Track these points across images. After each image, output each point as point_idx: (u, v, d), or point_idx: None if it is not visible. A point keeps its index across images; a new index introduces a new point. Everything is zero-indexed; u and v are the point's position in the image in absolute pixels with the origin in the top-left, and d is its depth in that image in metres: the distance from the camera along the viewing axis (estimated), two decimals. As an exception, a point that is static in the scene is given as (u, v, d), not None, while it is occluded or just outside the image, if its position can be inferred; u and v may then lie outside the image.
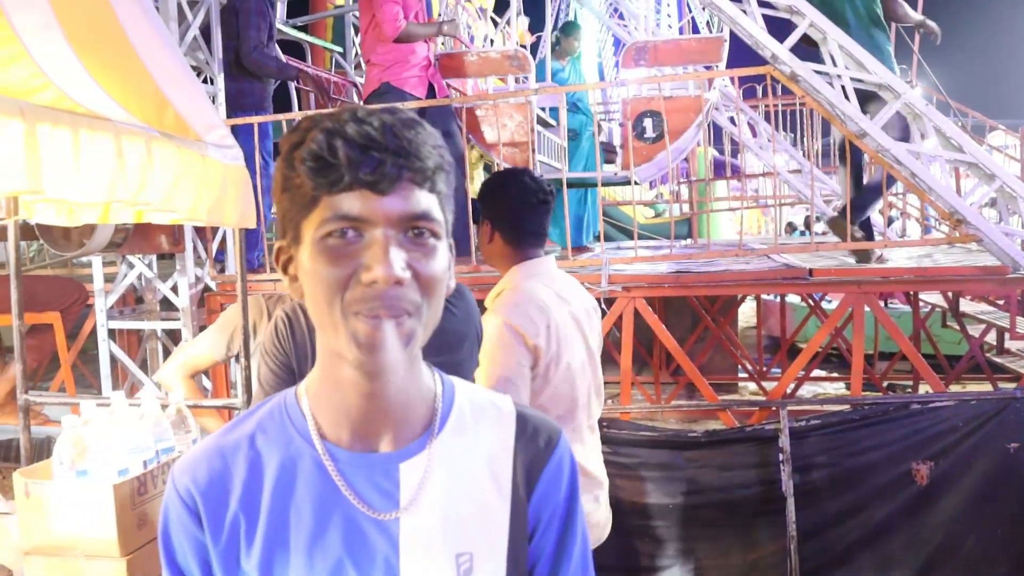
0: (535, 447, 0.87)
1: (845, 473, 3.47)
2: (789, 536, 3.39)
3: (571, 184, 4.75)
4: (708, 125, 4.81)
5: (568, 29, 6.49)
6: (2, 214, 2.33)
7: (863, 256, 3.83)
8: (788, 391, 5.39)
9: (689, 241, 7.40)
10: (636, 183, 4.77)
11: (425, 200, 0.74)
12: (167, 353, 4.30)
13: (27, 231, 3.16)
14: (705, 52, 4.61)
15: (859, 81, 3.42)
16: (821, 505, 3.52)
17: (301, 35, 7.16)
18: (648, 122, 4.71)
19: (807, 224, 11.07)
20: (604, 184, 5.81)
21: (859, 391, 3.66)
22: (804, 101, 4.16)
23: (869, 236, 3.94)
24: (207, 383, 4.00)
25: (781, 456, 3.43)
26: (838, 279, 3.57)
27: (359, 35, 7.44)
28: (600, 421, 3.33)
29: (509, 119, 4.82)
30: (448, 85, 5.29)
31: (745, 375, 7.36)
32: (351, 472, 0.80)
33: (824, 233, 8.77)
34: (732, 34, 4.05)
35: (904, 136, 3.52)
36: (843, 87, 3.44)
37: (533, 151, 4.69)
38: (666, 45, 4.76)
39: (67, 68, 1.70)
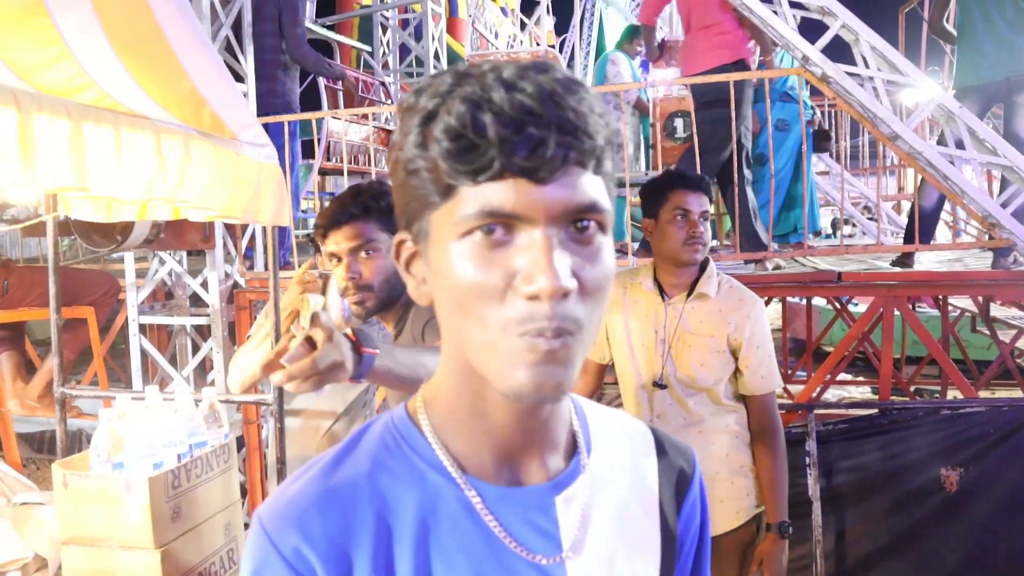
0: (678, 468, 0.78)
1: (872, 478, 3.43)
2: (815, 541, 3.37)
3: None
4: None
5: (631, 33, 6.40)
6: (39, 210, 2.38)
7: (901, 260, 3.80)
8: (814, 394, 5.34)
9: (716, 243, 7.36)
10: None
11: (593, 186, 0.59)
12: (196, 349, 4.35)
13: (61, 226, 3.21)
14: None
15: (892, 83, 3.39)
16: (848, 510, 3.49)
17: (330, 34, 7.22)
18: (679, 122, 4.69)
19: (834, 226, 10.96)
20: (633, 184, 5.79)
21: (887, 395, 3.62)
22: (834, 103, 4.12)
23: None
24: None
25: (808, 460, 3.40)
26: (868, 283, 3.54)
27: (386, 34, 7.50)
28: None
29: None
30: None
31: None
32: (503, 511, 0.66)
33: (851, 236, 8.68)
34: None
35: None
36: (875, 88, 3.40)
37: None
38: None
39: (108, 68, 1.73)
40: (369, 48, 7.79)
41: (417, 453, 0.67)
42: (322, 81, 6.19)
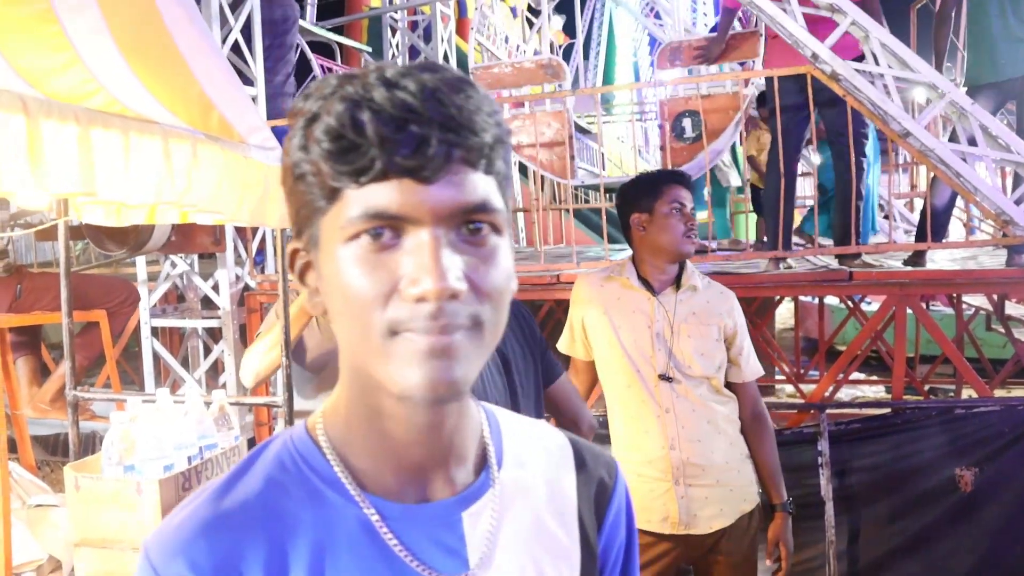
0: (598, 479, 0.75)
1: (886, 478, 3.41)
2: (828, 541, 3.35)
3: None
4: (746, 124, 4.76)
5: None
6: (52, 215, 2.40)
7: (913, 258, 3.77)
8: (827, 394, 5.31)
9: (726, 241, 7.34)
10: None
11: (483, 185, 0.57)
12: (207, 351, 4.38)
13: (74, 231, 3.24)
14: (741, 49, 4.56)
15: (903, 80, 3.36)
16: (861, 510, 3.47)
17: (331, 35, 7.23)
18: (687, 122, 4.67)
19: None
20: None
21: (901, 395, 3.60)
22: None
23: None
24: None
25: (820, 459, 3.38)
26: (880, 281, 3.52)
27: (395, 36, 7.52)
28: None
29: (547, 127, 4.80)
30: None
31: (783, 377, 7.27)
32: (406, 530, 0.64)
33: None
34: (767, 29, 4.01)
35: None
36: (885, 85, 3.38)
37: (572, 158, 4.68)
38: (699, 43, 4.71)
39: (117, 73, 1.75)
40: (370, 49, 7.80)
41: (315, 472, 0.64)
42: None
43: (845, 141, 3.64)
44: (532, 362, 1.80)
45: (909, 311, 3.48)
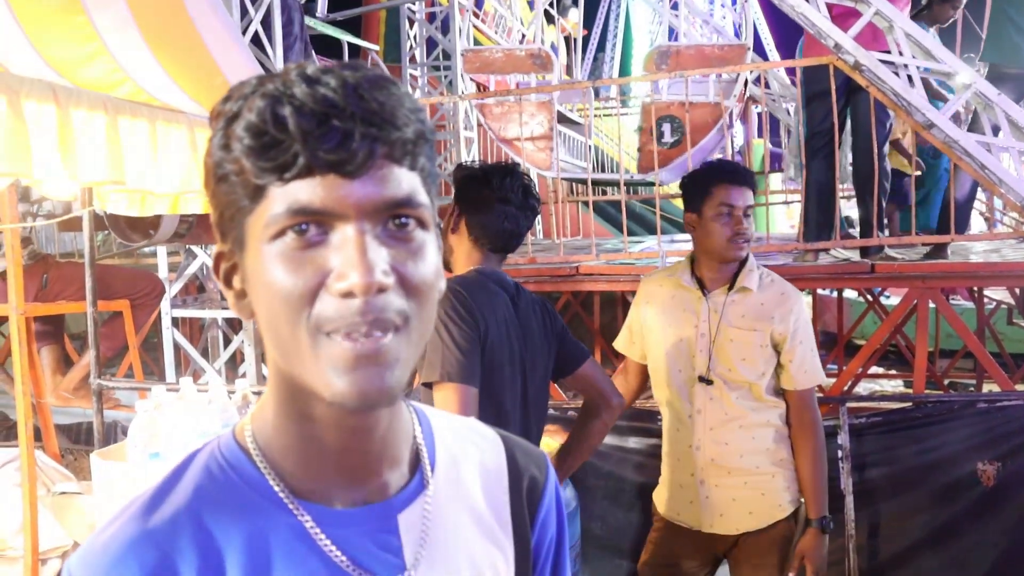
0: (529, 475, 0.76)
1: (907, 472, 3.38)
2: (848, 535, 3.32)
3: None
4: (766, 117, 4.73)
5: None
6: (76, 205, 2.42)
7: (934, 251, 3.74)
8: (845, 388, 5.28)
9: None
10: (661, 184, 4.74)
11: (407, 180, 0.57)
12: (227, 341, 4.40)
13: (96, 221, 3.26)
14: (727, 59, 4.53)
15: (927, 70, 3.33)
16: (881, 504, 3.44)
17: (338, 32, 7.19)
18: (666, 127, 4.65)
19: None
20: (627, 184, 5.76)
21: (922, 388, 3.57)
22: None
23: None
24: (267, 371, 4.09)
25: (840, 453, 3.36)
26: (901, 274, 3.49)
27: (413, 28, 7.51)
28: (656, 414, 3.33)
29: (530, 117, 4.79)
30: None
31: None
32: (341, 534, 0.63)
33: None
34: (779, 23, 3.97)
35: None
36: (909, 76, 3.34)
37: (552, 150, 4.67)
38: (688, 50, 4.68)
39: (143, 63, 1.76)
40: (377, 47, 7.79)
41: (245, 479, 0.63)
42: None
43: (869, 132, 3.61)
44: (548, 348, 1.84)
45: (931, 304, 3.46)
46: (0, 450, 3.11)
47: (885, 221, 3.87)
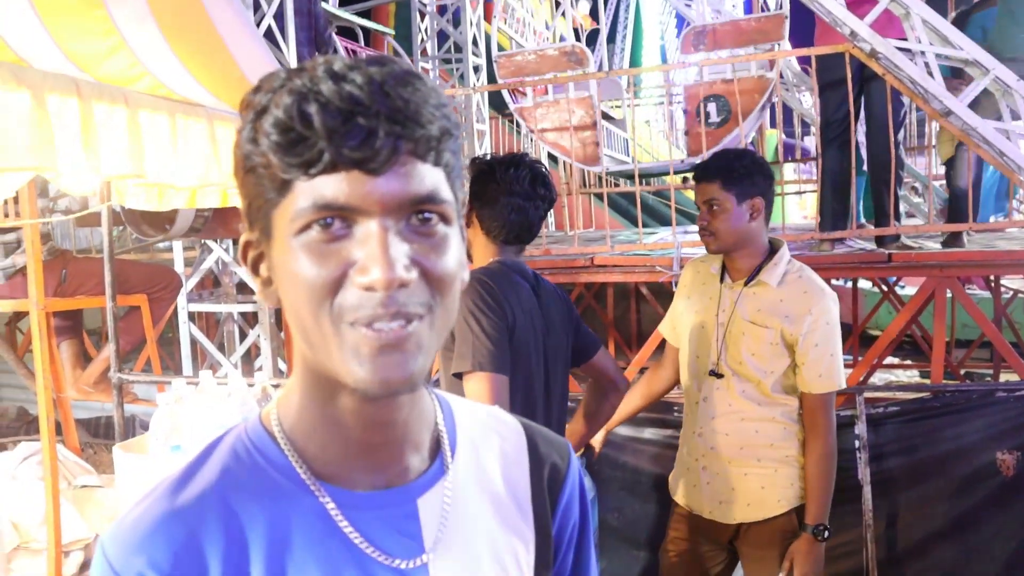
0: (551, 463, 0.77)
1: (924, 462, 3.36)
2: (865, 525, 3.31)
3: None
4: (780, 106, 4.71)
5: None
6: (94, 201, 2.43)
7: (951, 240, 3.71)
8: (860, 379, 5.25)
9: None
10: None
11: (430, 177, 0.58)
12: (243, 336, 4.43)
13: (113, 216, 3.27)
14: (766, 31, 4.49)
15: (944, 57, 3.29)
16: (899, 494, 3.43)
17: (355, 19, 7.20)
18: (712, 107, 4.63)
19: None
20: (662, 174, 5.70)
21: (940, 378, 3.54)
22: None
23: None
24: (283, 365, 4.11)
25: (857, 443, 3.34)
26: (918, 263, 3.46)
27: (423, 20, 7.50)
28: (672, 405, 3.33)
29: (571, 114, 4.78)
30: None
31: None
32: (362, 517, 0.65)
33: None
34: (795, 7, 3.94)
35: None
36: (926, 63, 3.31)
37: (598, 144, 4.65)
38: (724, 27, 4.63)
39: (161, 57, 1.76)
40: (393, 32, 7.76)
41: (270, 462, 0.65)
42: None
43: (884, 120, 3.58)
44: (567, 337, 1.88)
45: (948, 293, 3.43)
46: (22, 444, 3.14)
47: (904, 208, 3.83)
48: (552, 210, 7.75)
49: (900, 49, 3.32)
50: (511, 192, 1.70)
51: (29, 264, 2.52)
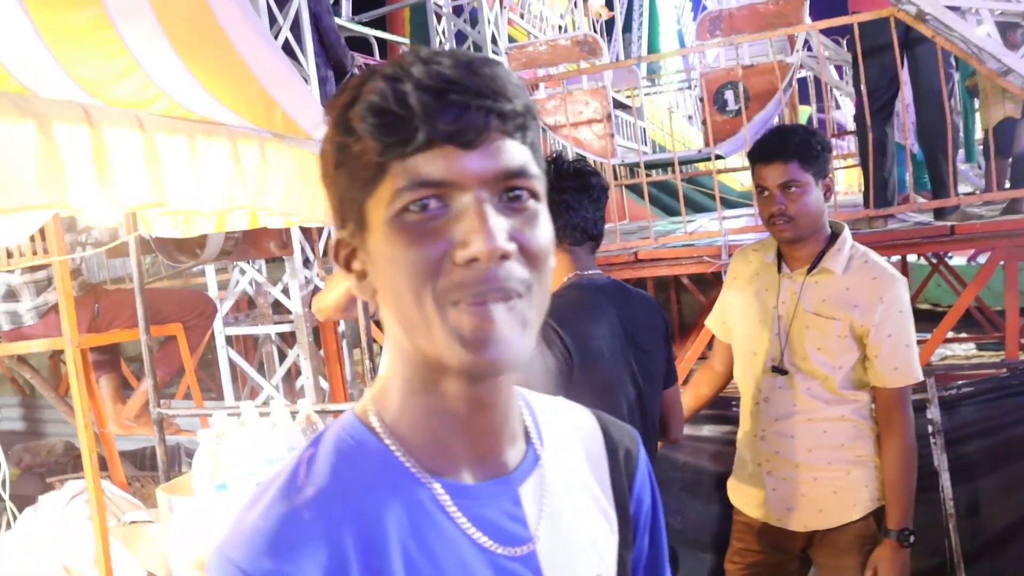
0: (624, 449, 0.79)
1: (1005, 445, 3.17)
2: (947, 514, 3.13)
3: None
4: (813, 81, 4.52)
5: None
6: (121, 232, 2.35)
7: (1012, 206, 3.50)
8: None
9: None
10: (720, 157, 4.54)
11: (519, 153, 0.59)
12: (282, 356, 4.36)
13: (143, 245, 3.21)
14: (784, 14, 4.31)
15: (1000, 13, 3.09)
16: (977, 481, 3.23)
17: (368, 30, 7.15)
18: (729, 94, 4.46)
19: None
20: (684, 162, 5.54)
21: (1015, 353, 3.34)
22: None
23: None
24: (324, 384, 4.03)
25: (931, 428, 3.16)
26: (984, 234, 3.26)
27: (440, 22, 7.40)
28: (731, 400, 3.18)
29: (584, 106, 4.65)
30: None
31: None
32: (472, 507, 0.65)
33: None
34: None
35: None
36: (980, 21, 3.12)
37: (612, 136, 4.52)
38: (741, 11, 4.47)
39: (176, 76, 1.67)
40: (408, 41, 7.69)
41: (377, 458, 0.65)
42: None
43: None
44: (659, 354, 1.69)
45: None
46: (69, 483, 3.09)
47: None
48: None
49: (949, 8, 3.12)
50: (560, 190, 1.56)
51: (61, 301, 2.46)
